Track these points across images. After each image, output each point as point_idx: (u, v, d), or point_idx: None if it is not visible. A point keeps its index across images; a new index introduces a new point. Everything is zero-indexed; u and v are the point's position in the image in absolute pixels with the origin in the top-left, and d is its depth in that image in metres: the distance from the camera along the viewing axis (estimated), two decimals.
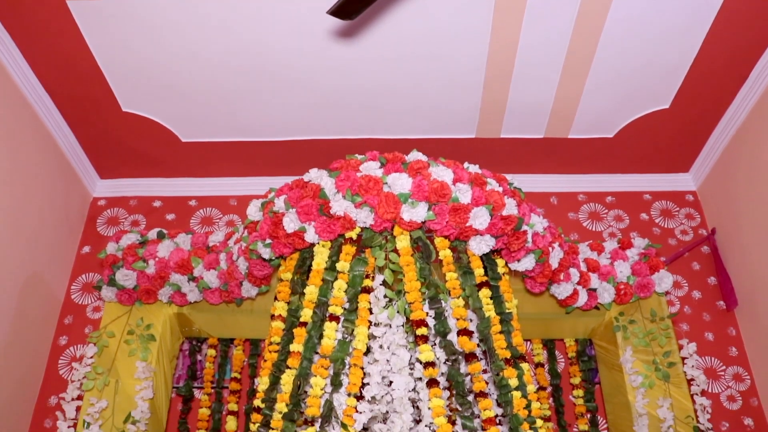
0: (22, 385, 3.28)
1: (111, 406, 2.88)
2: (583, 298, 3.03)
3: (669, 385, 3.01)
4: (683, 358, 3.10)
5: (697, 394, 3.03)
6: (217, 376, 3.40)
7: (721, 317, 3.68)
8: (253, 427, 2.41)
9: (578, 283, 3.01)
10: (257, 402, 2.42)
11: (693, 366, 3.08)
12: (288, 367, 2.31)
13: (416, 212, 2.42)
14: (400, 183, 2.45)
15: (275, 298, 2.62)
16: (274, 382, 2.38)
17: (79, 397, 2.94)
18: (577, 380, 3.40)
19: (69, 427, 2.88)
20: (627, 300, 3.12)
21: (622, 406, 3.09)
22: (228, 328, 3.26)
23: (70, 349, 3.53)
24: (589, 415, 3.35)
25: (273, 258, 2.67)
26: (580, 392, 3.38)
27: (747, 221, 3.52)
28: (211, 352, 3.42)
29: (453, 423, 2.37)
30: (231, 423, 3.26)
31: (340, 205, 2.45)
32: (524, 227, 2.60)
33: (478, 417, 2.32)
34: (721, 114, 3.61)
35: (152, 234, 3.18)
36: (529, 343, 3.49)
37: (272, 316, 2.57)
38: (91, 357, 2.98)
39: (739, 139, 3.58)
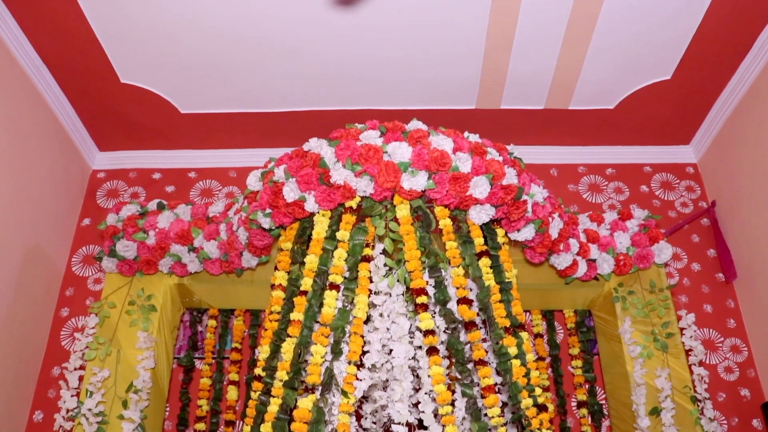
0: (25, 356, 3.30)
1: (113, 375, 2.90)
2: (582, 268, 3.04)
3: (667, 355, 3.03)
4: (681, 329, 3.11)
5: (694, 365, 3.05)
6: (217, 347, 3.43)
7: (720, 289, 3.69)
8: (254, 395, 2.43)
9: (578, 254, 3.01)
10: (258, 371, 2.43)
11: (691, 337, 3.10)
12: (288, 336, 2.32)
13: (416, 181, 2.41)
14: (400, 152, 2.44)
15: (275, 268, 2.63)
16: (275, 350, 2.40)
17: (82, 367, 2.96)
18: (575, 351, 3.42)
19: (72, 396, 2.90)
20: (626, 271, 3.12)
21: (620, 376, 3.11)
22: (228, 299, 3.27)
23: (71, 320, 3.55)
24: (587, 386, 3.38)
25: (273, 228, 2.68)
26: (578, 363, 3.40)
27: (747, 194, 3.52)
28: (212, 322, 3.44)
29: (452, 391, 2.39)
30: (232, 392, 3.29)
31: (340, 174, 2.44)
32: (524, 197, 2.60)
33: (478, 385, 2.34)
34: (723, 86, 3.58)
35: (152, 205, 3.17)
36: (528, 314, 3.51)
37: (272, 286, 2.58)
38: (93, 327, 2.99)
39: (741, 112, 3.57)
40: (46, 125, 3.50)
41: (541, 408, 2.36)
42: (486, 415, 2.27)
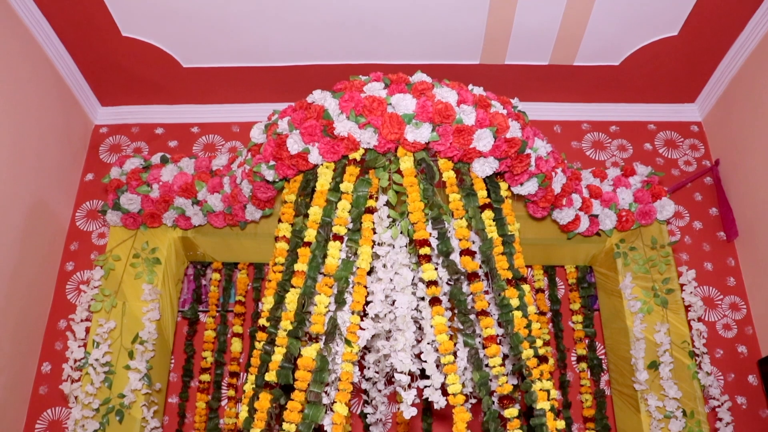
0: (32, 310, 3.33)
1: (119, 327, 2.94)
2: (584, 223, 3.05)
3: (667, 311, 3.06)
4: (682, 285, 3.14)
5: (693, 320, 3.08)
6: (221, 300, 3.46)
7: (721, 248, 3.71)
8: (258, 345, 2.46)
9: (580, 209, 3.02)
10: (262, 321, 2.46)
11: (691, 293, 3.12)
12: (292, 287, 2.34)
13: (420, 133, 2.41)
14: (404, 104, 2.43)
15: (279, 220, 2.64)
16: (279, 301, 2.42)
17: (88, 319, 3.00)
18: (576, 306, 3.45)
19: (80, 347, 2.94)
20: (628, 227, 3.14)
21: (620, 331, 3.15)
22: (232, 252, 3.29)
23: (76, 274, 3.57)
24: (587, 340, 3.42)
25: (277, 180, 2.68)
26: (579, 318, 3.44)
27: (751, 153, 3.51)
28: (216, 276, 3.46)
29: (454, 342, 2.41)
30: (236, 344, 3.34)
31: (344, 126, 2.44)
32: (528, 151, 2.60)
33: (479, 336, 2.37)
34: (731, 43, 3.55)
35: (155, 158, 3.17)
36: (530, 269, 3.54)
37: (276, 238, 2.60)
38: (98, 280, 3.02)
39: (747, 70, 3.54)
40: (47, 80, 3.48)
41: (542, 359, 2.39)
42: (488, 365, 2.30)
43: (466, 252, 2.35)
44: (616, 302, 3.17)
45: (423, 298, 2.38)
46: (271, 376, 2.24)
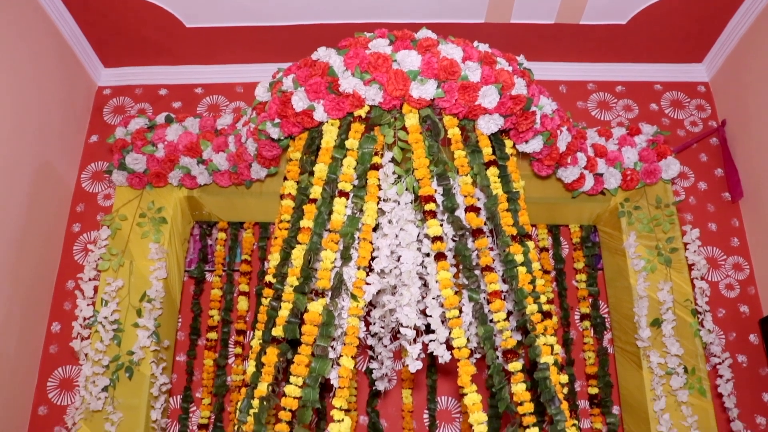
0: (40, 271, 3.36)
1: (127, 285, 2.97)
2: (589, 182, 3.05)
3: (670, 269, 3.08)
4: (685, 244, 3.15)
5: (697, 279, 3.10)
6: (227, 259, 3.48)
7: (726, 208, 3.71)
8: (264, 301, 2.48)
9: (585, 168, 3.02)
10: (269, 277, 2.48)
11: (695, 252, 3.13)
12: (298, 243, 2.36)
13: (425, 89, 2.40)
14: (409, 60, 2.42)
15: (285, 178, 2.64)
16: (285, 257, 2.44)
17: (96, 278, 3.03)
18: (580, 265, 3.47)
19: (88, 305, 2.97)
20: (633, 186, 3.14)
21: (623, 290, 3.17)
22: (237, 212, 3.30)
23: (83, 235, 3.60)
24: (590, 299, 3.44)
25: (282, 138, 2.68)
26: (582, 276, 3.46)
27: (758, 113, 3.48)
28: (221, 235, 3.48)
29: (459, 297, 2.44)
30: (242, 303, 3.37)
31: (349, 83, 2.43)
32: (533, 108, 2.59)
33: (484, 292, 2.39)
34: (740, 1, 3.49)
35: (160, 118, 3.17)
36: (534, 228, 3.55)
37: (282, 195, 2.61)
38: (105, 239, 3.04)
39: (757, 29, 3.49)
40: (49, 41, 3.46)
41: (546, 315, 2.42)
42: (492, 320, 2.32)
43: (471, 208, 2.36)
44: (620, 261, 3.19)
45: (428, 254, 2.39)
46: (278, 331, 2.27)
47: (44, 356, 3.37)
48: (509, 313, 2.46)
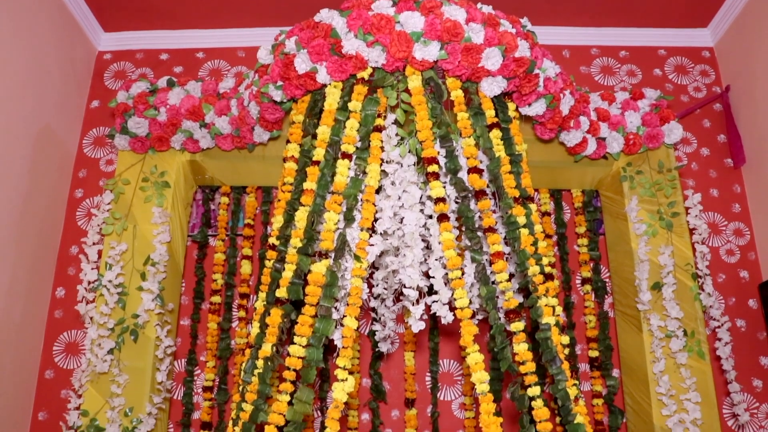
0: (44, 236, 3.38)
1: (131, 249, 2.98)
2: (591, 146, 3.05)
3: (671, 233, 3.09)
4: (687, 209, 3.16)
5: (698, 243, 3.12)
6: (230, 224, 3.49)
7: (728, 174, 3.71)
8: (268, 263, 2.50)
9: (588, 132, 3.01)
10: (272, 240, 2.49)
11: (696, 216, 3.14)
12: (301, 205, 2.36)
13: (428, 51, 2.39)
14: (412, 21, 2.40)
15: (287, 141, 2.65)
16: (288, 219, 2.45)
17: (100, 242, 3.05)
18: (582, 229, 3.48)
19: (92, 269, 2.99)
20: (635, 150, 3.13)
21: (624, 254, 3.19)
22: (240, 176, 3.31)
23: (86, 201, 3.60)
24: (592, 263, 3.46)
25: (284, 101, 2.68)
26: (584, 241, 3.47)
27: (763, 79, 3.46)
28: (224, 199, 3.48)
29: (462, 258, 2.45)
30: (246, 267, 3.39)
31: (351, 45, 2.42)
32: (536, 71, 2.58)
33: (487, 253, 2.41)
34: None
35: (162, 82, 3.16)
36: (536, 192, 3.55)
37: (285, 158, 2.61)
38: (108, 203, 3.05)
39: None
40: (48, 5, 3.42)
41: (548, 277, 2.44)
42: (494, 282, 2.34)
43: (474, 170, 2.37)
44: (622, 225, 3.20)
45: (431, 216, 2.41)
46: (281, 293, 2.28)
47: (49, 321, 3.40)
48: (511, 276, 2.48)
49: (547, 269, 2.44)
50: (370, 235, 2.30)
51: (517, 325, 2.22)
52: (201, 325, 3.41)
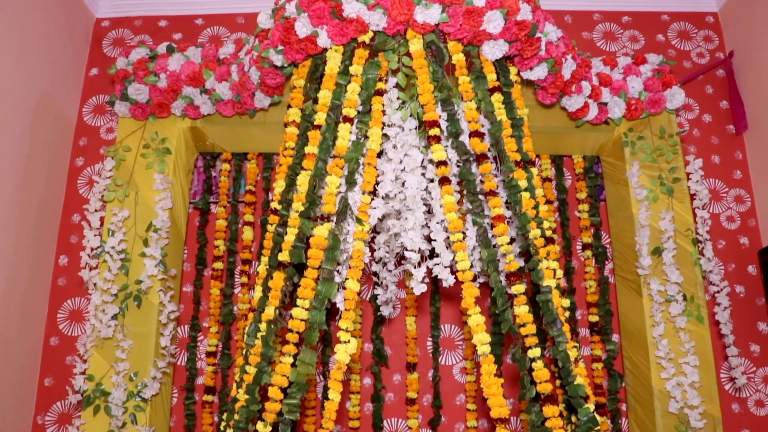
0: (45, 205, 3.38)
1: (133, 216, 2.99)
2: (593, 111, 3.04)
3: (672, 199, 3.09)
4: (688, 174, 3.16)
5: (698, 208, 3.13)
6: (232, 190, 3.50)
7: (729, 141, 3.70)
8: (270, 228, 2.51)
9: (589, 97, 3.00)
10: (274, 204, 2.50)
11: (697, 181, 3.15)
12: (303, 169, 2.37)
13: (430, 14, 2.38)
14: None
15: (288, 106, 2.64)
16: (290, 184, 2.45)
17: (102, 209, 3.05)
18: (583, 195, 3.49)
19: (95, 236, 3.00)
20: (637, 115, 3.12)
21: (625, 219, 3.20)
22: (241, 142, 3.30)
23: (87, 169, 3.60)
24: (592, 229, 3.47)
25: (285, 65, 2.66)
26: (585, 207, 3.47)
27: (767, 45, 3.43)
28: (225, 166, 3.48)
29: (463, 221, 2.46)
30: (248, 233, 3.40)
31: (352, 8, 2.40)
32: (538, 34, 2.56)
33: (488, 217, 2.41)
34: None
35: (161, 48, 3.14)
36: (537, 158, 3.55)
37: (286, 123, 2.61)
38: (110, 170, 3.05)
39: None
40: None
41: (549, 240, 2.45)
42: (495, 245, 2.35)
43: (475, 133, 2.36)
44: (623, 191, 3.21)
45: (432, 180, 2.41)
46: (284, 256, 2.30)
47: (53, 289, 3.42)
48: (512, 240, 2.49)
49: (548, 233, 2.46)
50: (372, 199, 2.31)
51: (518, 288, 2.24)
52: (203, 291, 3.43)
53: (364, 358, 3.39)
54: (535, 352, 2.17)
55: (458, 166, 2.42)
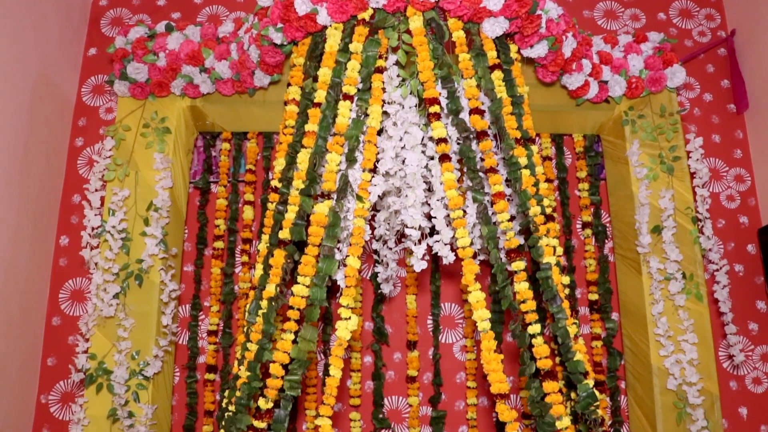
0: (45, 185, 3.37)
1: (133, 195, 2.99)
2: (594, 89, 3.03)
3: (672, 178, 3.09)
4: (688, 153, 3.16)
5: (698, 186, 3.13)
6: (232, 170, 3.50)
7: (730, 120, 3.70)
8: (270, 206, 2.52)
9: (590, 75, 2.99)
10: (274, 182, 2.51)
11: (697, 160, 3.15)
12: (303, 147, 2.37)
13: None
14: None
15: (288, 84, 2.64)
16: (290, 162, 2.45)
17: (102, 188, 3.06)
18: (583, 174, 3.49)
19: (96, 215, 3.00)
20: (638, 94, 3.12)
21: (625, 198, 3.20)
22: (241, 121, 3.29)
23: (86, 150, 3.59)
24: (592, 208, 3.48)
25: (285, 43, 2.65)
26: (585, 186, 3.47)
27: None
28: (225, 146, 3.48)
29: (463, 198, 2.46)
30: (248, 212, 3.40)
31: None
32: (538, 11, 2.55)
33: (488, 194, 2.42)
34: None
35: (160, 27, 3.12)
36: (538, 137, 3.54)
37: (286, 102, 2.60)
38: (110, 150, 3.05)
39: None
40: None
41: (549, 218, 2.45)
42: (495, 222, 2.36)
43: (475, 110, 2.36)
44: (623, 169, 3.21)
45: (432, 158, 2.41)
46: (284, 234, 2.30)
47: (54, 269, 3.43)
48: (512, 218, 2.49)
49: (548, 210, 2.46)
50: (372, 176, 2.31)
51: (518, 264, 2.24)
52: (204, 270, 3.44)
53: (365, 336, 3.41)
54: (535, 328, 2.19)
55: (458, 144, 2.42)
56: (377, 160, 2.35)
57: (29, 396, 3.21)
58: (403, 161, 2.38)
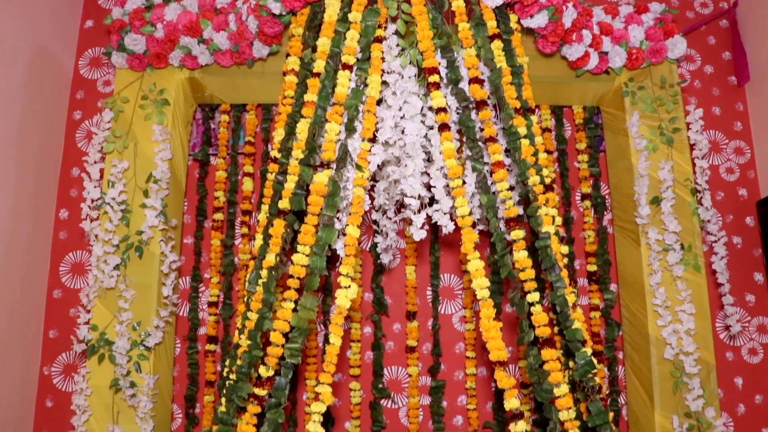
0: (45, 158, 3.37)
1: (132, 167, 2.99)
2: (594, 60, 3.02)
3: (672, 149, 3.09)
4: (688, 124, 3.16)
5: (698, 158, 3.13)
6: (231, 142, 3.49)
7: (731, 92, 3.69)
8: (270, 176, 2.52)
9: (590, 45, 2.98)
10: (274, 153, 2.51)
11: (697, 131, 3.14)
12: (303, 117, 2.37)
13: None
14: None
15: (287, 55, 2.63)
16: (290, 132, 2.45)
17: (101, 160, 3.05)
18: (582, 146, 3.48)
19: (95, 187, 3.00)
20: (638, 65, 3.10)
21: (624, 170, 3.20)
22: (240, 93, 3.28)
23: (85, 122, 3.57)
24: (592, 180, 3.48)
25: (283, 13, 2.64)
26: (584, 157, 3.47)
27: None
28: (224, 117, 3.47)
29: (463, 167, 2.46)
30: (247, 183, 3.40)
31: None
32: None
33: (488, 164, 2.42)
34: None
35: None
36: (537, 108, 3.53)
37: (285, 72, 2.60)
38: (108, 122, 3.04)
39: None
40: None
41: (548, 188, 2.46)
42: (494, 192, 2.36)
43: (475, 80, 2.36)
44: (622, 141, 3.20)
45: (431, 128, 2.41)
46: (284, 203, 2.31)
47: (54, 242, 3.43)
48: (511, 188, 2.50)
49: (547, 180, 2.47)
50: (372, 145, 2.31)
51: (517, 233, 2.26)
52: (204, 242, 3.45)
53: (365, 307, 3.43)
54: (533, 296, 2.20)
55: (458, 113, 2.42)
56: (376, 130, 2.34)
57: (32, 368, 3.24)
58: (403, 131, 2.38)
